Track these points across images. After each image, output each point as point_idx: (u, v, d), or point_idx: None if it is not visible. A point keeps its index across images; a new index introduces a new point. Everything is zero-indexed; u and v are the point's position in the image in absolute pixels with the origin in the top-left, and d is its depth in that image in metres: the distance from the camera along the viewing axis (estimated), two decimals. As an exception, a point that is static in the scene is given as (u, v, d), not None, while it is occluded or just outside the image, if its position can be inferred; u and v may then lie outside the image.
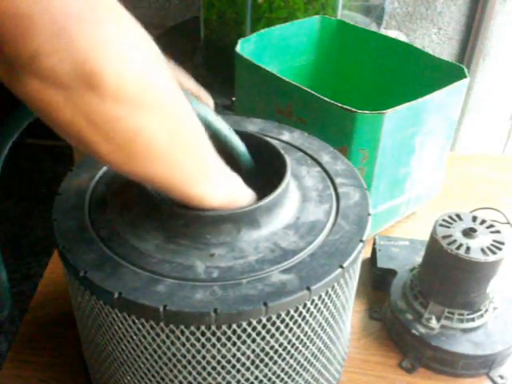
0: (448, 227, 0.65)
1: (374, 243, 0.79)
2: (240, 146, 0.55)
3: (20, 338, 0.71)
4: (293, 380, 0.52)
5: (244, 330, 0.45)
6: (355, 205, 0.55)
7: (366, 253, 0.81)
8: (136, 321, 0.45)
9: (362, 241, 0.50)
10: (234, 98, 0.97)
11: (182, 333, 0.44)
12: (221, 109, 1.13)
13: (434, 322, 0.66)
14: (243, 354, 0.47)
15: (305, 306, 0.46)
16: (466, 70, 0.78)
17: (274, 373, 0.50)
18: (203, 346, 0.45)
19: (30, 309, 0.74)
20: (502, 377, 0.66)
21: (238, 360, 0.47)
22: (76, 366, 0.66)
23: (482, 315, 0.67)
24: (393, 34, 1.51)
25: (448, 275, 0.65)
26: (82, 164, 0.60)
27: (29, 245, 1.90)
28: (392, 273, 0.75)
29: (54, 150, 2.18)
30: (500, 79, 1.73)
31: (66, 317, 0.68)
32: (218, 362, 0.47)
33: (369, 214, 0.53)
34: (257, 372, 0.49)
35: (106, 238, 0.50)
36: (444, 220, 0.66)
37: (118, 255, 0.48)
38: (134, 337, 0.46)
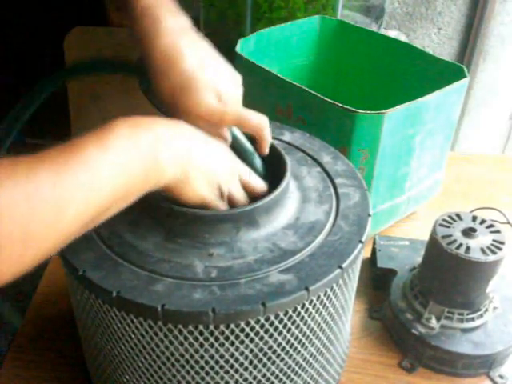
0: (448, 227, 0.65)
1: (374, 243, 0.79)
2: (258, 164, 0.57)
3: (20, 337, 0.71)
4: (291, 380, 0.52)
5: (242, 330, 0.45)
6: (355, 205, 0.55)
7: (366, 253, 0.81)
8: (134, 320, 0.45)
9: (361, 242, 0.50)
10: (234, 98, 0.97)
11: (180, 332, 0.44)
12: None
13: (433, 322, 0.66)
14: (241, 353, 0.47)
15: (303, 306, 0.46)
16: (465, 70, 0.78)
17: (273, 373, 0.50)
18: (201, 345, 0.45)
19: (30, 309, 0.74)
20: (501, 376, 0.66)
21: (236, 360, 0.47)
22: (76, 365, 0.66)
23: (481, 315, 0.67)
24: (393, 33, 1.51)
25: (448, 275, 0.65)
26: None
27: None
28: (392, 273, 0.75)
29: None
30: (500, 79, 1.73)
31: (65, 317, 0.68)
32: (216, 362, 0.47)
33: (369, 215, 0.53)
34: (255, 372, 0.49)
35: (105, 236, 0.50)
36: (444, 220, 0.66)
37: (116, 254, 0.48)
38: (133, 335, 0.46)
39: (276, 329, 0.46)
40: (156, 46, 0.49)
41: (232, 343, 0.46)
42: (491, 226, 0.66)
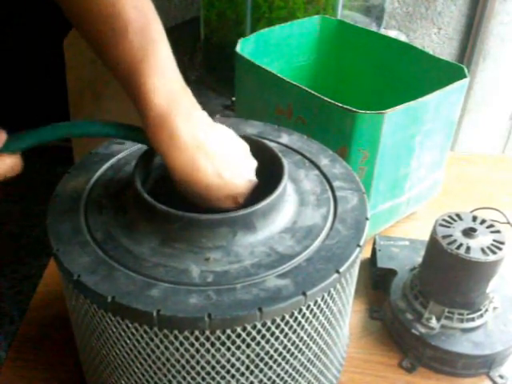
0: (448, 227, 0.65)
1: (374, 243, 0.79)
2: None
3: (20, 338, 0.71)
4: (288, 386, 0.51)
5: (238, 336, 0.44)
6: (353, 209, 0.54)
7: (366, 253, 0.81)
8: (130, 325, 0.45)
9: (359, 245, 0.50)
10: (233, 98, 0.97)
11: (176, 338, 0.44)
12: (221, 109, 1.12)
13: (433, 322, 0.66)
14: (238, 359, 0.46)
15: (300, 311, 0.45)
16: (465, 70, 0.78)
17: (269, 378, 0.49)
18: (197, 351, 0.45)
19: (30, 309, 0.74)
20: (501, 376, 0.66)
21: (233, 365, 0.47)
22: (76, 365, 0.66)
23: (481, 315, 0.67)
24: (393, 33, 1.50)
25: (448, 275, 0.65)
26: (79, 166, 0.59)
27: (29, 245, 1.90)
28: (392, 273, 0.75)
29: (54, 150, 2.18)
30: (500, 79, 1.73)
31: (65, 316, 0.68)
32: (213, 368, 0.46)
33: (366, 219, 0.53)
34: (251, 377, 0.48)
35: (100, 241, 0.49)
36: (444, 220, 0.66)
37: (112, 258, 0.48)
38: (128, 341, 0.46)
39: (273, 334, 0.45)
40: (175, 164, 0.51)
41: (228, 349, 0.45)
42: (491, 226, 0.66)
